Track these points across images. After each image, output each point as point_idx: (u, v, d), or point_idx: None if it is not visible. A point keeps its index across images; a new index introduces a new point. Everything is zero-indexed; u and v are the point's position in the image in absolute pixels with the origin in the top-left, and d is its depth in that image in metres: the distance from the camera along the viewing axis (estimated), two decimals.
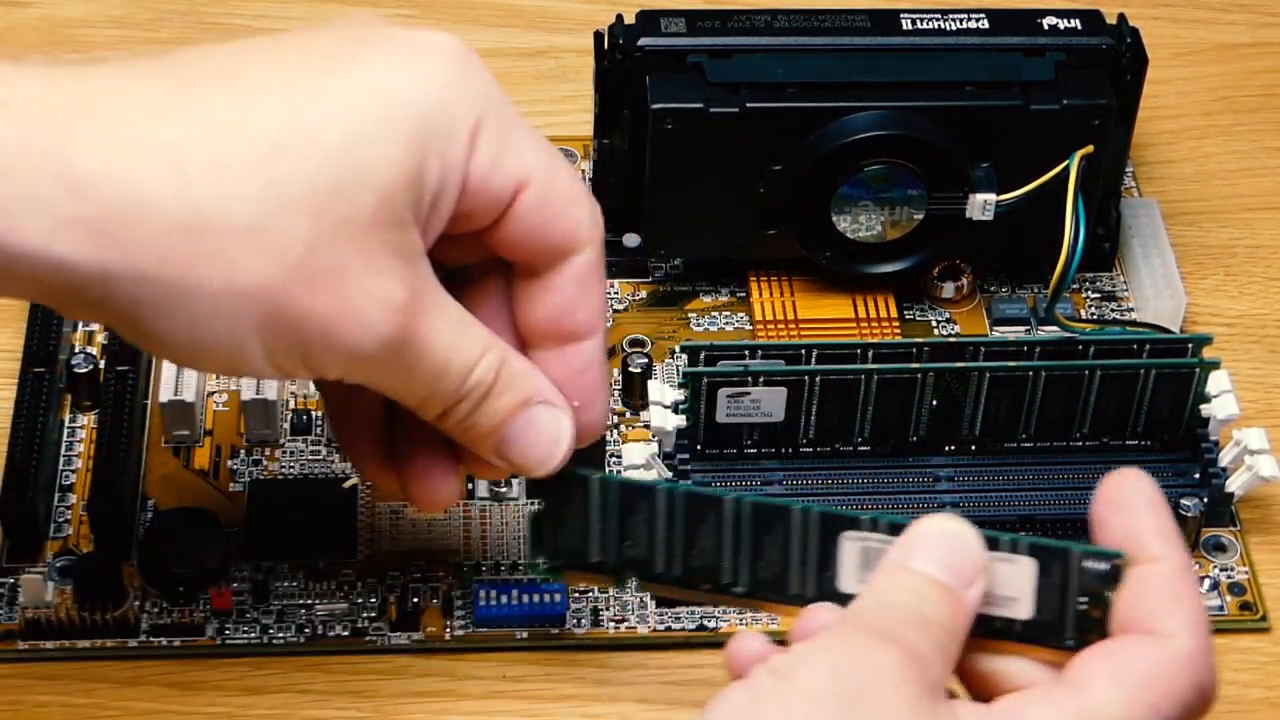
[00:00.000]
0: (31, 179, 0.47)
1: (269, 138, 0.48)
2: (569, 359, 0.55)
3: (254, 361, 0.50)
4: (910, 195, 0.68)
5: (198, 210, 0.47)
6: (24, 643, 0.62)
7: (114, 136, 0.47)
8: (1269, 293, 0.74)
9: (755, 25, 0.69)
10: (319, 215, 0.48)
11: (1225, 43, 0.84)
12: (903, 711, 0.47)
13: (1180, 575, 0.50)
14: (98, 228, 0.47)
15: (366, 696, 0.61)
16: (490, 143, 0.51)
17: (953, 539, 0.50)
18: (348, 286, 0.49)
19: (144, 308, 0.48)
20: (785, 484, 0.64)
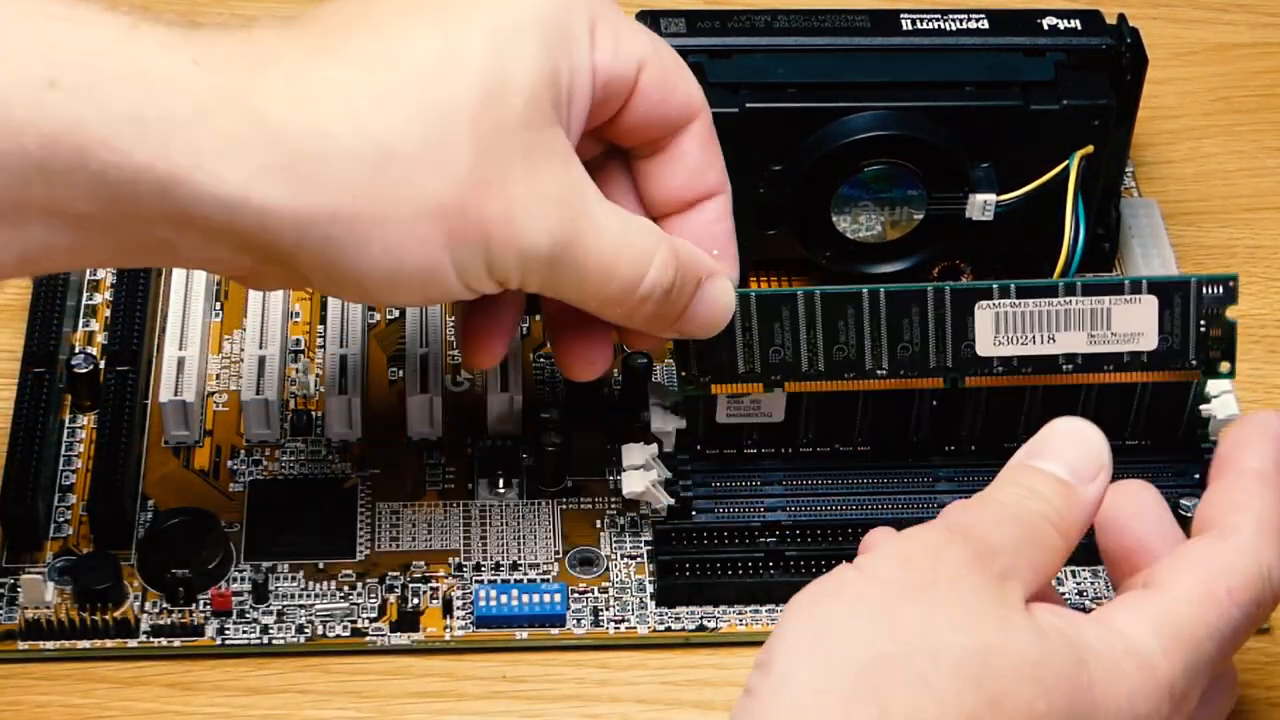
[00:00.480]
0: (229, 129, 0.50)
1: (418, 64, 0.52)
2: (703, 215, 0.60)
3: (446, 281, 0.53)
4: (910, 195, 0.68)
5: (376, 142, 0.51)
6: (24, 643, 0.62)
7: (292, 84, 0.51)
8: (1269, 293, 0.74)
9: (755, 25, 0.69)
10: (477, 126, 0.52)
11: (1225, 43, 0.84)
12: (968, 600, 0.50)
13: (1259, 480, 0.55)
14: (292, 172, 0.50)
15: (366, 697, 0.61)
16: (607, 35, 0.56)
17: (1077, 437, 0.54)
18: (513, 188, 0.53)
19: (341, 247, 0.51)
20: (785, 484, 0.64)
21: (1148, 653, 0.51)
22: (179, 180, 0.49)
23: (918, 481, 0.64)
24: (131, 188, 0.49)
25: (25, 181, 0.49)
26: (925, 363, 0.61)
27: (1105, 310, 0.61)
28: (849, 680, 0.48)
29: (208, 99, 0.50)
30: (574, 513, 0.66)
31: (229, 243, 0.52)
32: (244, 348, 0.69)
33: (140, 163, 0.49)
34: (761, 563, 0.63)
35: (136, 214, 0.50)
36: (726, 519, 0.63)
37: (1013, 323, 0.60)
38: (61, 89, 0.48)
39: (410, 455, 0.67)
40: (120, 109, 0.49)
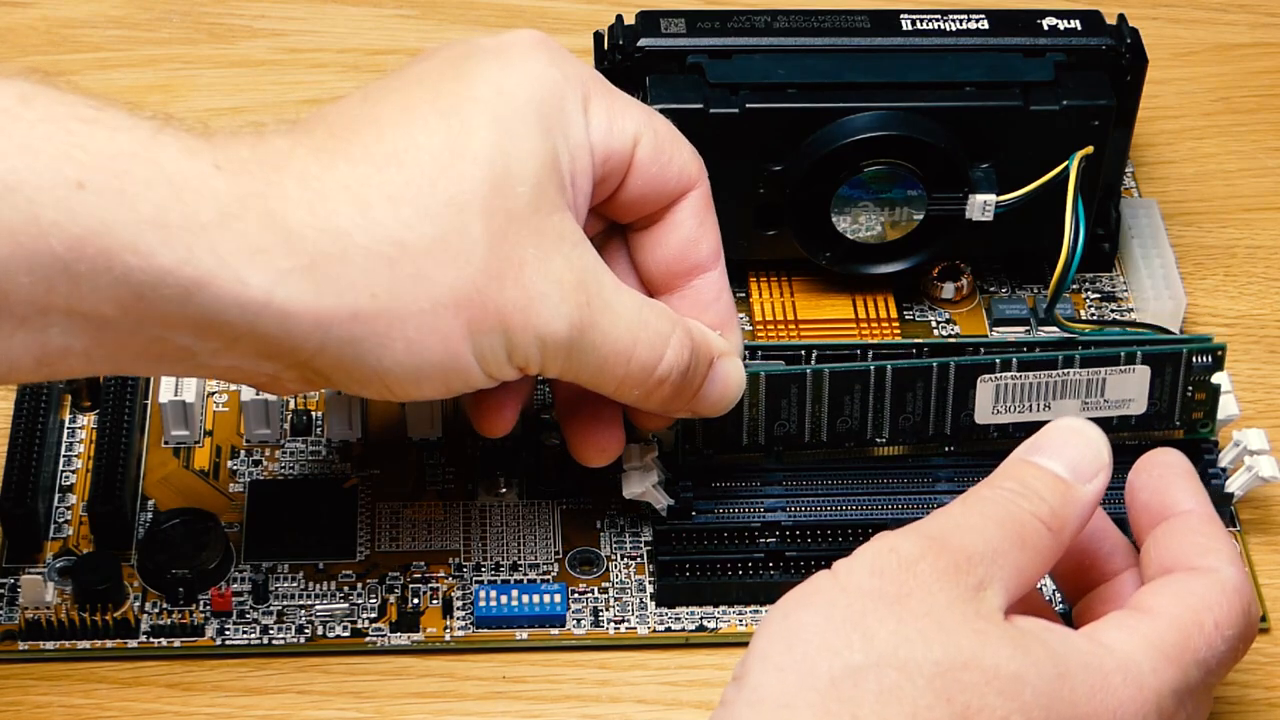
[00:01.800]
0: (251, 233, 0.50)
1: (425, 160, 0.53)
2: (701, 291, 0.60)
3: (469, 371, 0.54)
4: (910, 195, 0.68)
5: (391, 239, 0.52)
6: (24, 643, 0.62)
7: (306, 186, 0.52)
8: (1269, 293, 0.74)
9: (755, 26, 0.69)
10: (487, 216, 0.53)
11: (1225, 43, 0.84)
12: (942, 612, 0.50)
13: (1212, 521, 0.56)
14: (312, 274, 0.51)
15: (366, 697, 0.61)
16: (600, 111, 0.57)
17: (1079, 435, 0.55)
18: (528, 274, 0.53)
19: (363, 346, 0.52)
20: (785, 484, 0.64)
21: (1137, 670, 0.51)
22: (202, 284, 0.50)
23: (918, 482, 0.64)
24: (155, 291, 0.49)
25: (50, 283, 0.49)
26: (925, 430, 0.63)
27: (1100, 380, 0.62)
28: (820, 692, 0.48)
29: (229, 203, 0.50)
30: (574, 513, 0.66)
31: (250, 349, 0.52)
32: None
33: (165, 265, 0.49)
34: (761, 563, 0.63)
35: (159, 318, 0.50)
36: (726, 519, 0.63)
37: (1012, 394, 0.62)
38: (89, 191, 0.48)
39: (410, 455, 0.67)
40: (146, 212, 0.49)
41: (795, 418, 0.62)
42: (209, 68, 0.82)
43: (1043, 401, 0.62)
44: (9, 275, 0.48)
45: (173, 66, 0.82)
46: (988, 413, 0.62)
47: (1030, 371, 0.62)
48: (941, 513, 0.54)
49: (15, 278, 0.48)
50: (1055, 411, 0.62)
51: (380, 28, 0.85)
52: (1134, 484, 0.57)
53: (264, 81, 0.82)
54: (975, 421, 0.62)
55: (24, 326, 0.49)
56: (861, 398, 0.62)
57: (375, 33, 0.84)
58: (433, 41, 0.84)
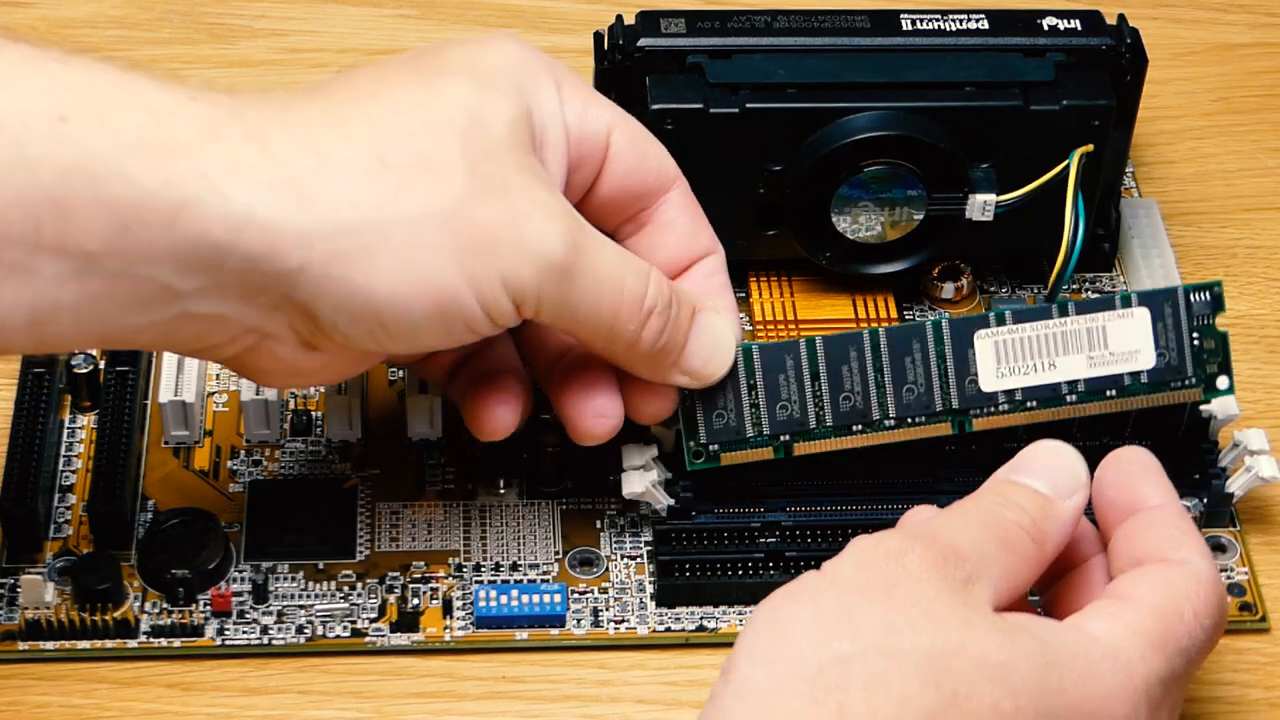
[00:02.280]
0: (234, 148, 0.51)
1: (403, 97, 0.54)
2: (695, 272, 0.61)
3: (462, 300, 0.53)
4: (910, 195, 0.68)
5: (372, 154, 0.52)
6: (24, 643, 0.62)
7: (286, 113, 0.53)
8: (1269, 293, 0.74)
9: (755, 26, 0.69)
10: (467, 141, 0.53)
11: (1225, 43, 0.84)
12: (930, 602, 0.50)
13: (1181, 516, 0.56)
14: (294, 189, 0.51)
15: (366, 697, 0.61)
16: (574, 97, 0.58)
17: (1057, 457, 0.56)
18: (514, 196, 0.54)
19: (348, 262, 0.52)
20: (785, 484, 0.64)
21: (1125, 658, 0.51)
22: (187, 204, 0.50)
23: (918, 482, 0.64)
24: (141, 217, 0.50)
25: (38, 220, 0.49)
26: (932, 404, 0.61)
27: (1100, 329, 0.61)
28: (808, 681, 0.48)
29: (210, 124, 0.51)
30: (574, 513, 0.66)
31: (233, 283, 0.52)
32: None
33: (150, 188, 0.50)
34: (761, 563, 0.63)
35: (144, 252, 0.50)
36: (726, 519, 0.63)
37: (1013, 351, 0.61)
38: (72, 123, 0.49)
39: (410, 455, 0.67)
40: (128, 138, 0.50)
41: (796, 396, 0.61)
42: (209, 68, 0.82)
43: (1047, 359, 0.61)
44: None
45: (173, 66, 0.82)
46: (992, 377, 0.61)
47: (1026, 323, 0.61)
48: (927, 518, 0.54)
49: (5, 214, 0.49)
50: (1061, 370, 0.61)
51: (380, 28, 0.85)
52: (1102, 479, 0.57)
53: (264, 81, 0.82)
54: (982, 389, 0.61)
55: (14, 274, 0.50)
56: (860, 367, 0.61)
57: (375, 33, 0.84)
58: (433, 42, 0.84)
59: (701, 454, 0.62)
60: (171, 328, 0.53)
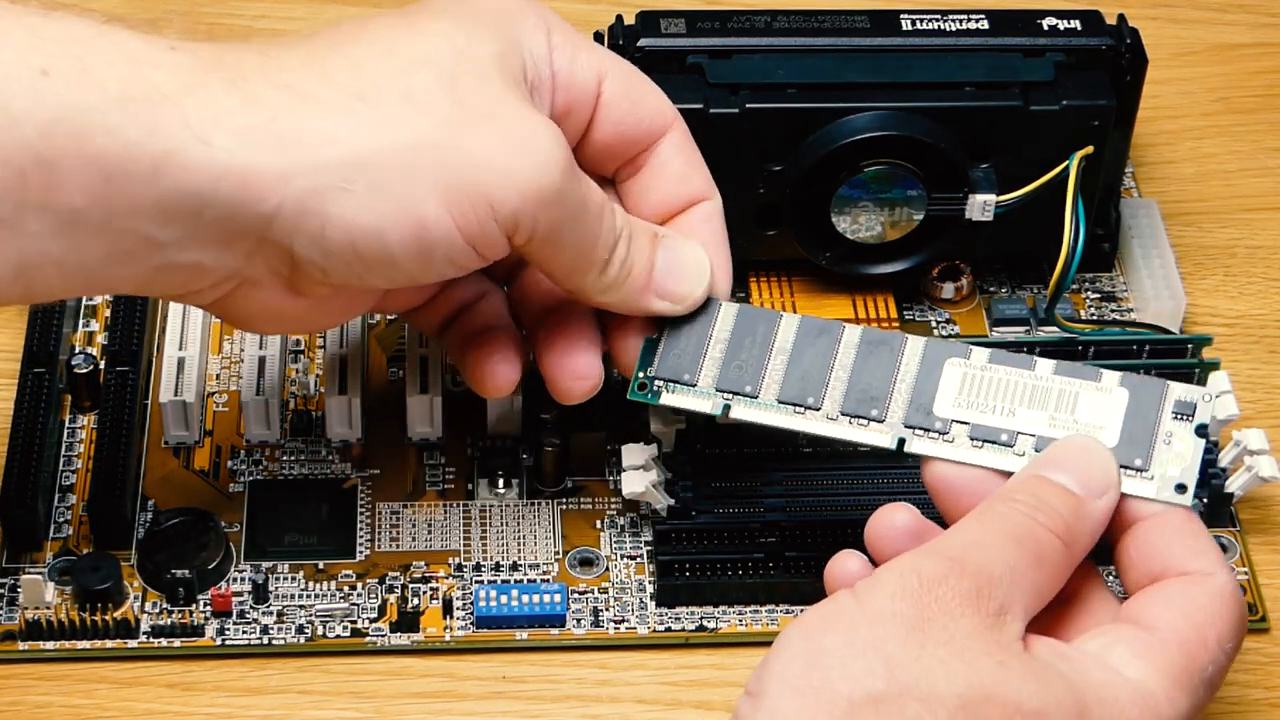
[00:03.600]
0: (215, 94, 0.51)
1: (384, 36, 0.54)
2: (688, 217, 0.60)
3: (443, 230, 0.52)
4: (910, 196, 0.68)
5: (352, 92, 0.52)
6: (24, 643, 0.62)
7: (266, 58, 0.53)
8: (1269, 293, 0.74)
9: (755, 26, 0.69)
10: (452, 75, 0.53)
11: (1225, 43, 0.84)
12: (963, 640, 0.49)
13: (1192, 519, 0.55)
14: (273, 131, 0.51)
15: (366, 697, 0.61)
16: (564, 43, 0.57)
17: (1090, 453, 0.55)
18: (505, 119, 0.53)
19: (324, 196, 0.52)
20: (785, 484, 0.64)
21: (1153, 700, 0.51)
22: (169, 154, 0.50)
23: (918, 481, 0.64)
24: (124, 169, 0.50)
25: (24, 175, 0.49)
26: (881, 409, 0.58)
27: (1073, 395, 0.57)
28: (839, 717, 0.48)
29: (190, 73, 0.51)
30: (574, 513, 0.66)
31: (213, 232, 0.52)
32: (244, 348, 0.69)
33: (133, 139, 0.50)
34: (761, 563, 0.63)
35: (127, 204, 0.50)
36: (726, 519, 0.63)
37: (978, 386, 0.58)
38: (55, 77, 0.49)
39: (410, 455, 0.67)
40: (111, 90, 0.50)
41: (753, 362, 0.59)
42: None
43: (1008, 405, 0.57)
44: None
45: None
46: (948, 404, 0.57)
47: (1001, 365, 0.58)
48: (959, 529, 0.53)
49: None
50: (1019, 420, 0.57)
51: None
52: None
53: None
54: (933, 410, 0.57)
55: (1, 229, 0.50)
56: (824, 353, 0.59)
57: None
58: None
59: (646, 385, 0.59)
60: (153, 276, 0.53)
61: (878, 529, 0.55)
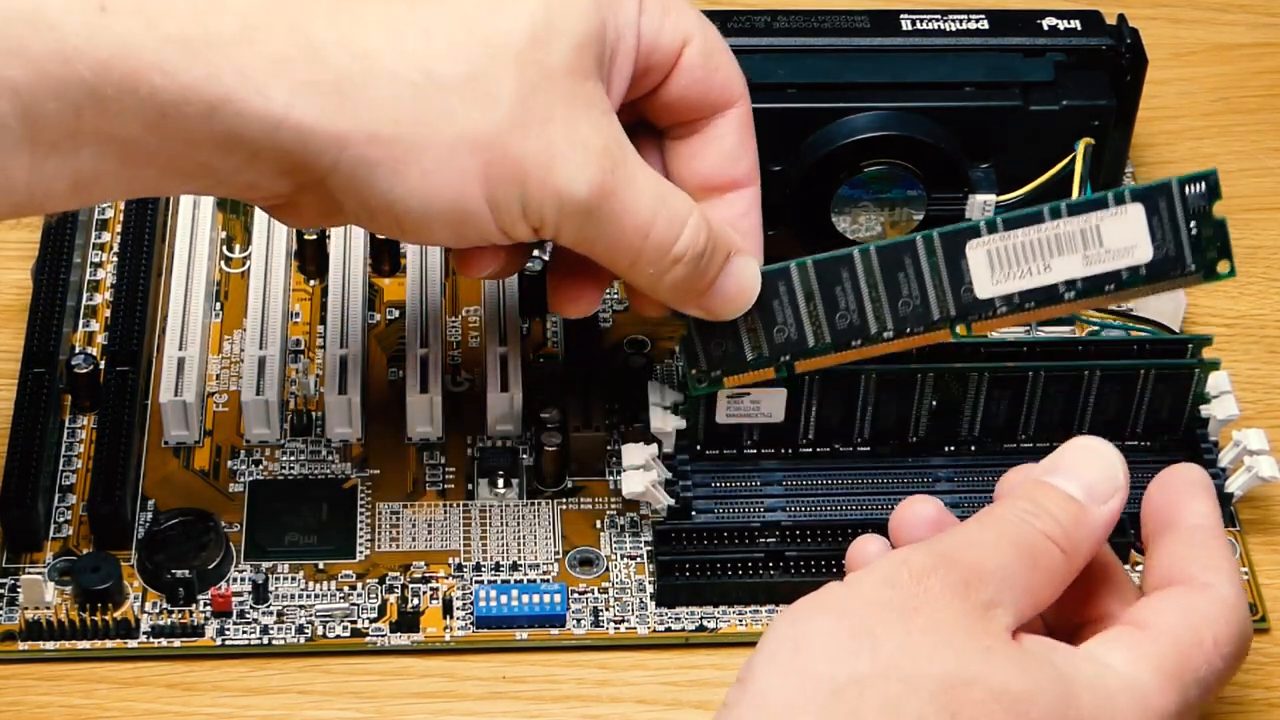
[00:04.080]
0: (276, 45, 0.50)
1: (469, 17, 0.52)
2: (732, 205, 0.59)
3: (480, 220, 0.53)
4: (910, 196, 0.68)
5: (421, 68, 0.52)
6: (24, 643, 0.62)
7: (338, 8, 0.51)
8: (1269, 293, 0.74)
9: (755, 26, 0.69)
10: (523, 65, 0.52)
11: (1225, 43, 0.84)
12: (948, 628, 0.50)
13: (1216, 536, 0.55)
14: (334, 91, 0.51)
15: (366, 697, 0.61)
16: (654, 4, 0.56)
17: (1095, 457, 0.55)
18: (554, 131, 0.53)
19: (377, 169, 0.52)
20: (785, 484, 0.64)
21: (1142, 691, 0.51)
22: (226, 99, 0.50)
23: (917, 481, 0.64)
24: (179, 109, 0.50)
25: (78, 108, 0.49)
26: (929, 315, 0.60)
27: (1095, 228, 0.59)
28: (824, 699, 0.48)
29: (253, 17, 0.50)
30: (574, 513, 0.66)
31: (269, 166, 0.52)
32: (244, 348, 0.69)
33: (188, 83, 0.49)
34: (761, 563, 0.63)
35: (184, 136, 0.50)
36: (726, 519, 0.63)
37: (1006, 257, 0.59)
38: (111, 13, 0.49)
39: (410, 455, 0.67)
40: (169, 30, 0.49)
41: (792, 319, 0.60)
42: None
43: (1041, 262, 0.59)
44: (37, 102, 0.49)
45: None
46: (987, 284, 0.59)
47: (1018, 229, 0.59)
48: (956, 530, 0.53)
49: (43, 104, 0.49)
50: (1056, 271, 0.59)
51: None
52: (1151, 492, 0.57)
53: None
54: (978, 296, 0.59)
55: (55, 152, 0.50)
56: (853, 285, 0.60)
57: None
58: None
59: (704, 379, 0.61)
60: (208, 189, 0.53)
61: (902, 519, 0.56)
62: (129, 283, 0.70)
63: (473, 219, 0.53)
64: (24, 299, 0.71)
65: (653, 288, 0.57)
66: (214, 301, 0.72)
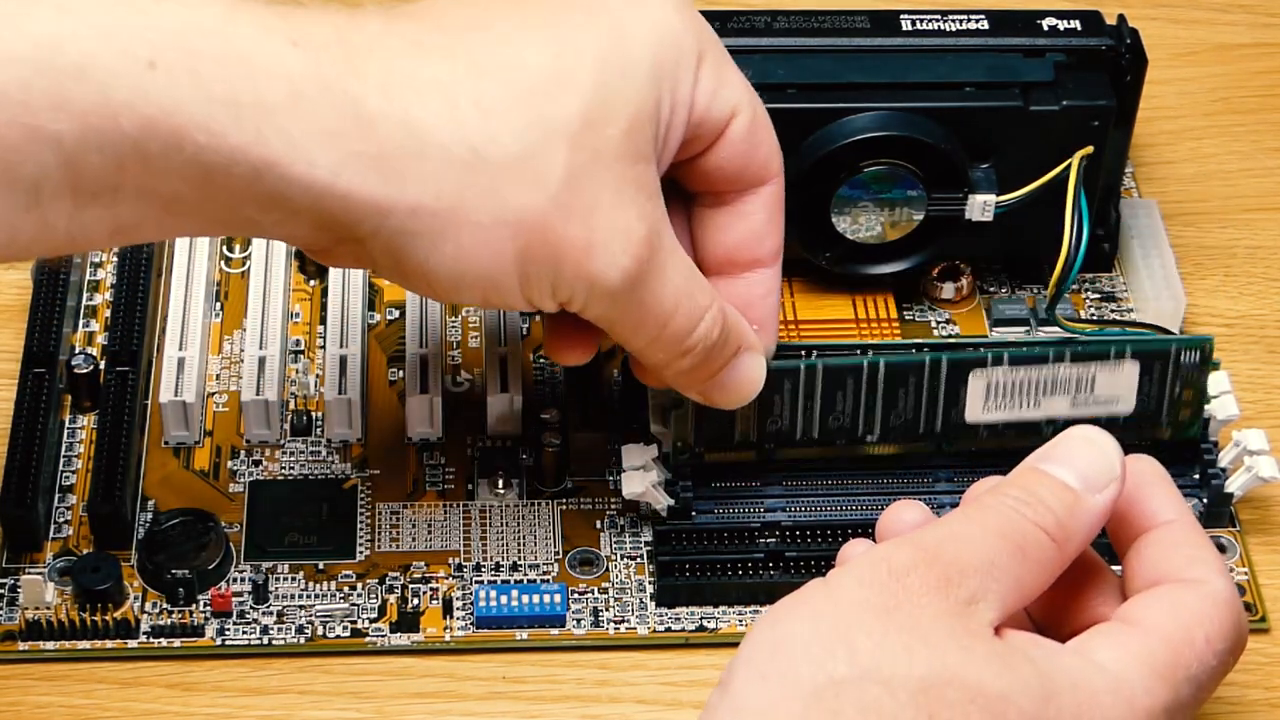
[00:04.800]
0: (325, 114, 0.50)
1: (524, 78, 0.52)
2: (752, 285, 0.59)
3: (509, 293, 0.53)
4: (910, 196, 0.68)
5: (471, 145, 0.51)
6: (24, 643, 0.62)
7: (391, 75, 0.51)
8: (1269, 293, 0.74)
9: (755, 26, 0.69)
10: (575, 148, 0.52)
11: (1225, 43, 0.84)
12: (928, 626, 0.49)
13: (1195, 530, 0.55)
14: (382, 163, 0.50)
15: (366, 697, 0.61)
16: (709, 76, 0.55)
17: (1091, 446, 0.54)
18: (597, 218, 0.52)
19: (415, 240, 0.52)
20: (785, 484, 0.64)
21: (1129, 689, 0.51)
22: (271, 164, 0.50)
23: (917, 482, 0.64)
24: (224, 171, 0.49)
25: (121, 161, 0.49)
26: (915, 430, 0.62)
27: (1090, 377, 0.62)
28: (802, 703, 0.48)
29: (303, 83, 0.50)
30: (574, 513, 0.66)
31: (310, 222, 0.52)
32: (244, 348, 0.69)
33: (235, 146, 0.49)
34: (761, 563, 0.63)
35: (227, 195, 0.50)
36: (726, 520, 0.63)
37: (1003, 391, 0.62)
38: (161, 70, 0.48)
39: (410, 455, 0.67)
40: (218, 92, 0.49)
41: (787, 414, 0.62)
42: None
43: (1033, 399, 0.62)
44: (81, 154, 0.48)
45: None
46: (978, 410, 0.62)
47: (1022, 367, 0.61)
48: (941, 522, 0.53)
49: (86, 156, 0.48)
50: (1044, 409, 0.62)
51: None
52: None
53: None
54: (965, 420, 0.62)
55: (97, 201, 0.49)
56: (854, 393, 0.62)
57: None
58: None
59: (687, 451, 0.62)
60: (246, 234, 0.54)
61: (888, 525, 0.56)
62: (129, 283, 0.70)
63: (502, 290, 0.53)
64: (24, 299, 0.71)
65: (657, 367, 0.58)
66: (214, 301, 0.72)
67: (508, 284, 0.53)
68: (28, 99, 0.47)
